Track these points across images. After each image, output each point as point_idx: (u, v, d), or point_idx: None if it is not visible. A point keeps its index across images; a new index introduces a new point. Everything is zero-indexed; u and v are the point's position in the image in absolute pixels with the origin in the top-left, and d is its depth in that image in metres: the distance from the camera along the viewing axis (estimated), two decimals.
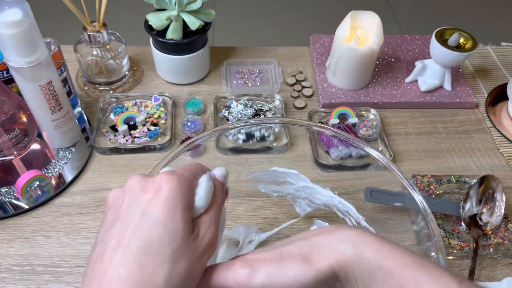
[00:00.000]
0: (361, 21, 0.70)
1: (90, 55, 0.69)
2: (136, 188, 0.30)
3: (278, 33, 1.99)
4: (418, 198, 0.42)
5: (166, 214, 0.28)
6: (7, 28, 0.47)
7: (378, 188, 0.54)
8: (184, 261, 0.28)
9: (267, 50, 0.83)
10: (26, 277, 0.51)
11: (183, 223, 0.29)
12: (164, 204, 0.29)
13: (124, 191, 0.31)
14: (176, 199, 0.29)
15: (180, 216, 0.29)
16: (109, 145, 0.64)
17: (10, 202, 0.57)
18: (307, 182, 0.51)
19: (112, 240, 0.28)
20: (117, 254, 0.27)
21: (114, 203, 0.31)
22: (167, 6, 0.68)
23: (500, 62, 0.82)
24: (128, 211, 0.29)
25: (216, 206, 0.32)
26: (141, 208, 0.29)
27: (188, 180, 0.31)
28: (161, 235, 0.28)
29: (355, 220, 0.50)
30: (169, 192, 0.29)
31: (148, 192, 0.29)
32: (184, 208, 0.29)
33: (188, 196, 0.30)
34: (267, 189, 0.53)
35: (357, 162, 0.62)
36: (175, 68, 0.72)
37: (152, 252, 0.27)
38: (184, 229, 0.29)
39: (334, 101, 0.72)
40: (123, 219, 0.29)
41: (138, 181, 0.31)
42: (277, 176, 0.52)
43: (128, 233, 0.28)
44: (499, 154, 0.67)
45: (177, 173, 0.31)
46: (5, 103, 0.56)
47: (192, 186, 0.31)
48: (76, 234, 0.55)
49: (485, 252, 0.53)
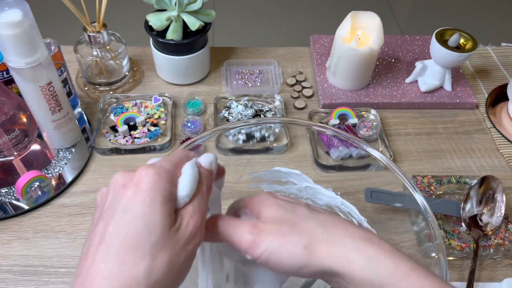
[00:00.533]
0: (361, 21, 0.70)
1: (90, 56, 0.69)
2: (118, 184, 0.30)
3: (278, 33, 1.99)
4: (420, 199, 0.42)
5: (146, 208, 0.28)
6: (7, 28, 0.47)
7: (378, 188, 0.54)
8: (165, 254, 0.28)
9: (267, 50, 0.83)
10: (26, 277, 0.51)
11: (163, 215, 0.28)
12: (143, 197, 0.29)
13: (108, 189, 0.31)
14: (155, 191, 0.29)
15: (159, 209, 0.28)
16: (109, 146, 0.64)
17: (10, 203, 0.57)
18: (310, 182, 0.51)
19: (96, 238, 0.28)
20: (99, 251, 0.27)
21: (101, 202, 0.31)
22: (167, 6, 0.68)
23: (500, 63, 0.82)
24: (110, 208, 0.29)
25: (200, 194, 0.32)
26: (122, 204, 0.29)
27: (168, 170, 0.31)
28: (140, 229, 0.28)
29: (357, 222, 0.50)
30: (147, 185, 0.29)
31: (128, 187, 0.30)
32: (164, 200, 0.29)
33: (168, 187, 0.30)
34: (269, 188, 0.53)
35: (357, 162, 0.62)
36: (175, 68, 0.72)
37: (132, 247, 0.27)
38: (164, 222, 0.28)
39: (334, 102, 0.72)
40: (105, 217, 0.29)
41: (120, 177, 0.31)
42: (279, 176, 0.52)
43: (110, 230, 0.28)
44: (499, 154, 0.67)
45: (156, 165, 0.31)
46: (5, 103, 0.56)
47: (174, 177, 0.31)
48: (76, 235, 0.55)
49: (485, 252, 0.53)
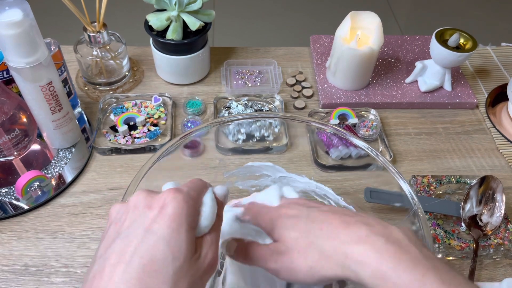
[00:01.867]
0: (361, 21, 0.70)
1: (90, 56, 0.69)
2: (141, 205, 0.30)
3: (278, 33, 1.99)
4: (406, 188, 0.44)
5: (171, 233, 0.28)
6: (7, 28, 0.47)
7: (378, 188, 0.54)
8: (186, 281, 0.28)
9: (267, 50, 0.83)
10: (26, 277, 0.51)
11: (187, 242, 0.28)
12: (169, 222, 0.28)
13: (128, 207, 0.30)
14: (182, 218, 0.29)
15: (184, 235, 0.28)
16: (109, 146, 0.64)
17: (10, 203, 0.57)
18: (283, 172, 0.51)
19: (113, 256, 0.27)
20: (118, 271, 0.26)
21: (117, 218, 0.30)
22: (167, 6, 0.68)
23: (500, 63, 0.82)
24: (131, 227, 0.29)
25: (217, 226, 0.32)
26: (145, 225, 0.28)
27: (194, 198, 0.31)
28: (165, 253, 0.27)
29: (334, 202, 0.52)
30: (174, 210, 0.29)
31: (153, 209, 0.29)
32: (188, 228, 0.29)
33: (193, 215, 0.30)
34: (244, 185, 0.53)
35: (356, 162, 0.62)
36: (175, 68, 0.72)
37: (155, 270, 0.26)
38: (188, 249, 0.28)
39: (334, 102, 0.72)
40: (125, 236, 0.28)
41: (143, 198, 0.30)
42: (253, 170, 0.52)
43: (131, 249, 0.27)
44: (499, 154, 0.67)
45: (183, 191, 0.30)
46: (5, 103, 0.56)
47: (197, 205, 0.31)
48: (76, 235, 0.55)
49: (485, 252, 0.53)
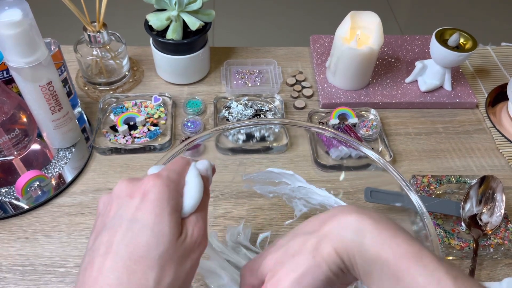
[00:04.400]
0: (361, 21, 0.70)
1: (90, 55, 0.69)
2: (123, 193, 0.30)
3: (278, 33, 1.99)
4: (414, 198, 0.43)
5: (154, 218, 0.28)
6: (7, 28, 0.47)
7: (378, 188, 0.54)
8: (173, 263, 0.28)
9: (267, 50, 0.83)
10: (26, 277, 0.51)
11: (170, 225, 0.29)
12: (151, 208, 0.29)
13: (112, 197, 0.31)
14: (163, 202, 0.29)
15: (167, 219, 0.29)
16: (109, 145, 0.64)
17: (10, 202, 0.57)
18: (303, 182, 0.51)
19: (102, 247, 0.28)
20: (107, 261, 0.27)
21: (103, 209, 0.31)
22: (167, 6, 0.68)
23: (500, 62, 0.82)
24: (116, 217, 0.29)
25: (203, 203, 0.32)
26: (129, 214, 0.29)
27: (175, 181, 0.31)
28: (149, 239, 0.28)
29: None
30: (156, 196, 0.29)
31: (135, 197, 0.30)
32: (171, 211, 0.29)
33: (175, 197, 0.30)
34: (262, 190, 0.53)
35: (357, 162, 0.62)
36: (175, 68, 0.72)
37: (140, 257, 0.27)
38: (171, 232, 0.29)
39: (334, 101, 0.72)
40: (111, 226, 0.29)
41: (125, 186, 0.31)
42: (272, 177, 0.52)
43: (117, 239, 0.28)
44: (499, 154, 0.67)
45: (163, 175, 0.31)
46: (5, 103, 0.56)
47: (180, 186, 0.31)
48: (76, 234, 0.55)
49: (485, 252, 0.53)
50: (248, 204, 0.57)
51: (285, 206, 0.55)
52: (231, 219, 0.56)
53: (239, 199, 0.57)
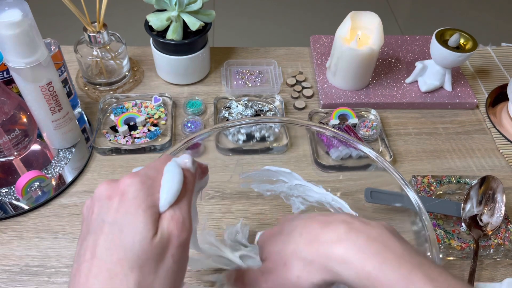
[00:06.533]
0: (361, 21, 0.70)
1: (90, 56, 0.69)
2: (103, 196, 0.30)
3: (278, 33, 1.99)
4: (412, 195, 0.43)
5: (130, 218, 0.28)
6: (7, 28, 0.47)
7: (378, 188, 0.54)
8: (152, 261, 0.28)
9: (267, 50, 0.83)
10: (26, 277, 0.51)
11: (145, 223, 0.28)
12: (127, 208, 0.29)
13: (93, 201, 0.31)
14: (139, 200, 0.29)
15: (142, 217, 0.28)
16: (109, 146, 0.64)
17: (10, 203, 0.57)
18: (300, 180, 0.51)
19: (87, 252, 0.28)
20: (92, 266, 0.28)
21: (87, 214, 0.31)
22: (167, 6, 0.68)
23: (500, 63, 0.82)
24: (98, 220, 0.29)
25: (182, 195, 0.31)
26: (110, 217, 0.29)
27: (152, 177, 0.31)
28: (126, 240, 0.28)
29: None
30: (132, 195, 0.29)
31: (114, 199, 0.29)
32: (146, 208, 0.29)
33: (152, 194, 0.30)
34: (260, 188, 0.53)
35: (357, 162, 0.62)
36: (175, 68, 0.72)
37: (120, 259, 0.27)
38: (146, 229, 0.28)
39: (334, 102, 0.72)
40: (94, 230, 0.29)
41: (104, 189, 0.30)
42: (269, 175, 0.52)
43: (100, 243, 0.28)
44: (500, 154, 0.67)
45: (141, 173, 0.31)
46: (5, 103, 0.56)
47: (157, 182, 0.31)
48: (76, 235, 0.55)
49: (485, 252, 0.53)
50: (248, 205, 0.57)
51: (285, 206, 0.55)
52: (231, 219, 0.56)
53: (238, 200, 0.57)
